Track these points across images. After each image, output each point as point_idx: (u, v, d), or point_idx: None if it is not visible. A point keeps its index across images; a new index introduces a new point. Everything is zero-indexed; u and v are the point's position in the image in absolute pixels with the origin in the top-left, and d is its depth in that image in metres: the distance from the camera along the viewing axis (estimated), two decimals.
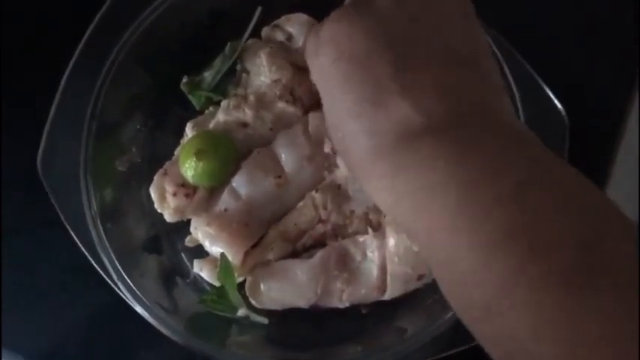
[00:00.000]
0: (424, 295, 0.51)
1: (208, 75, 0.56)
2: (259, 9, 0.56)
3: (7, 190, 0.57)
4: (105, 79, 0.50)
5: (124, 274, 0.47)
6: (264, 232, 0.54)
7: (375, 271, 0.52)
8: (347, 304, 0.52)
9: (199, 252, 0.54)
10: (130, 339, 0.54)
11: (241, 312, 0.51)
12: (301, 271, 0.52)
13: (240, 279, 0.52)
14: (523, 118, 0.47)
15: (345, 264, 0.53)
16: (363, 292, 0.52)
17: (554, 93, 0.48)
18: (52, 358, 0.55)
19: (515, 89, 0.47)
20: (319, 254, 0.53)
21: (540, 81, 0.47)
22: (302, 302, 0.53)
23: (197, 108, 0.56)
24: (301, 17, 0.56)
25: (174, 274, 0.55)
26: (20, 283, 0.56)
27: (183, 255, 0.56)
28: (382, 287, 0.52)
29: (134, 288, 0.47)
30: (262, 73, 0.54)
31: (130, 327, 0.49)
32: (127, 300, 0.46)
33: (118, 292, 0.46)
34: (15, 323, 0.55)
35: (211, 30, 0.56)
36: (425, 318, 0.48)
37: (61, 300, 0.56)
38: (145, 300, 0.47)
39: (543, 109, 0.47)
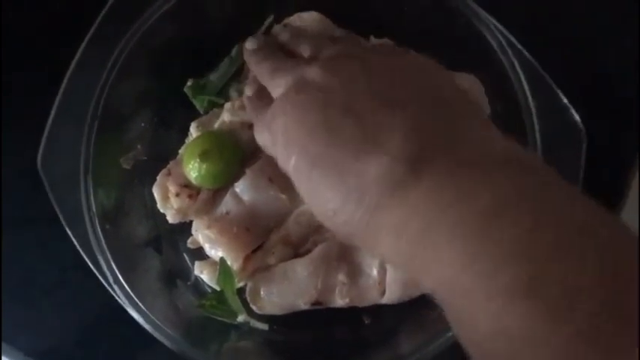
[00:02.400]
0: (426, 313, 0.49)
1: (214, 77, 0.55)
2: (271, 17, 0.55)
3: (8, 186, 0.56)
4: (108, 77, 0.49)
5: (120, 276, 0.46)
6: (266, 237, 0.52)
7: (375, 267, 0.50)
8: (347, 301, 0.51)
9: (202, 253, 0.53)
10: (131, 337, 0.52)
11: (241, 318, 0.50)
12: (301, 267, 0.51)
13: (241, 284, 0.51)
14: (538, 130, 0.45)
15: (346, 256, 0.51)
16: (364, 288, 0.51)
17: (571, 103, 0.46)
18: (52, 355, 0.55)
19: (530, 100, 0.45)
20: (320, 247, 0.51)
21: (559, 92, 0.44)
22: (303, 301, 0.51)
23: (200, 111, 0.55)
24: (313, 15, 0.55)
25: (174, 277, 0.54)
26: (21, 280, 0.55)
27: (185, 256, 0.55)
28: (382, 287, 0.50)
29: (130, 291, 0.46)
30: None
31: (131, 325, 0.48)
32: (122, 304, 0.46)
33: (113, 294, 0.46)
34: (15, 320, 0.55)
35: (218, 31, 0.54)
36: (428, 333, 0.46)
37: (62, 297, 0.56)
38: (140, 304, 0.46)
39: (560, 121, 0.45)
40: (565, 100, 0.45)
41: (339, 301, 0.51)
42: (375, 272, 0.50)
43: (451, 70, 0.51)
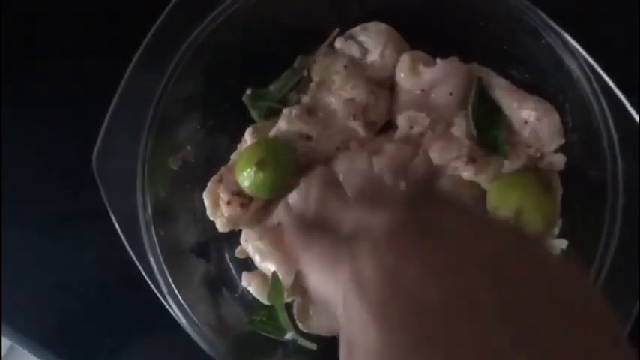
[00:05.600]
0: None
1: (274, 88, 0.53)
2: (337, 30, 0.53)
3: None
4: (168, 81, 0.48)
5: (173, 285, 0.45)
6: None
7: None
8: None
9: (248, 264, 0.52)
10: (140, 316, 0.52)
11: (289, 335, 0.49)
12: None
13: (289, 299, 0.50)
14: (621, 165, 0.42)
15: None
16: None
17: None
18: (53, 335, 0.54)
19: (614, 133, 0.43)
20: None
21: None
22: None
23: (256, 120, 0.53)
24: (379, 26, 0.53)
25: (220, 286, 0.52)
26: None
27: (231, 265, 0.54)
28: None
29: (181, 300, 0.45)
30: (334, 89, 0.51)
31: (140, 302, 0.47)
32: (172, 313, 0.44)
33: (165, 304, 0.44)
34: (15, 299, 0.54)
35: (279, 41, 0.52)
36: None
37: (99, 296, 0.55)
38: (192, 315, 0.45)
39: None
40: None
41: None
42: None
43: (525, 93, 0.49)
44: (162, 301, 0.45)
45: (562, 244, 0.47)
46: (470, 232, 0.28)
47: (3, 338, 0.55)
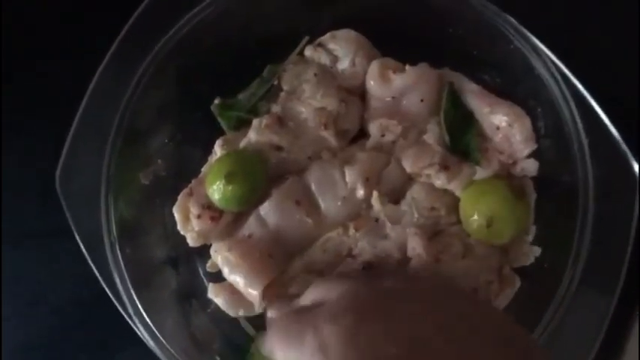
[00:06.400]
0: None
1: (243, 98, 0.52)
2: (306, 38, 0.52)
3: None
4: (134, 91, 0.47)
5: (139, 305, 0.44)
6: (288, 264, 0.50)
7: None
8: None
9: (222, 277, 0.50)
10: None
11: None
12: None
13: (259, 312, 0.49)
14: (591, 170, 0.42)
15: None
16: None
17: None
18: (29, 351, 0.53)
19: (583, 138, 0.42)
20: None
21: (615, 133, 0.41)
22: None
23: (226, 130, 0.52)
24: (349, 34, 0.52)
25: (191, 300, 0.51)
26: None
27: (205, 280, 0.52)
28: None
29: (150, 323, 0.43)
30: (305, 98, 0.50)
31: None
32: (141, 336, 0.43)
33: (134, 327, 0.43)
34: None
35: (248, 51, 0.52)
36: None
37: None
38: (159, 335, 0.44)
39: (614, 164, 0.42)
40: (623, 145, 0.42)
41: None
42: None
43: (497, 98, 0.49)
44: (129, 321, 0.43)
45: (536, 252, 0.46)
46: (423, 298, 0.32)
47: None
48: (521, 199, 0.47)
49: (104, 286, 0.44)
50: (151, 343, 0.43)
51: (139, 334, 0.43)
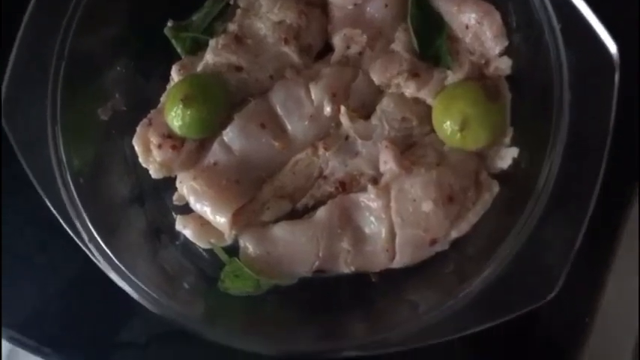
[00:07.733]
0: (438, 266, 0.44)
1: (197, 18, 0.49)
2: None
3: None
4: (72, 17, 0.44)
5: (96, 235, 0.42)
6: (257, 191, 0.48)
7: (383, 232, 0.45)
8: (353, 269, 0.47)
9: (190, 210, 0.48)
10: (114, 304, 0.49)
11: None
12: (301, 231, 0.46)
13: (229, 242, 0.47)
14: (565, 54, 0.39)
15: (350, 221, 0.46)
16: (370, 255, 0.46)
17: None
18: (31, 327, 0.51)
19: (556, 26, 0.39)
20: (320, 211, 0.47)
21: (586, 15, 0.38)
22: (303, 268, 0.47)
23: (181, 54, 0.49)
24: None
25: (160, 235, 0.49)
26: None
27: (173, 214, 0.50)
28: (391, 251, 0.45)
29: (107, 250, 0.41)
30: (262, 13, 0.47)
31: (113, 291, 0.44)
32: (97, 264, 0.41)
33: (89, 254, 0.41)
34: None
35: None
36: (440, 292, 0.42)
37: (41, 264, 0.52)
38: (120, 265, 0.42)
39: (589, 48, 0.38)
40: (594, 26, 0.38)
41: (345, 269, 0.47)
42: (382, 236, 0.45)
43: None
44: (90, 256, 0.41)
45: (513, 152, 0.44)
46: None
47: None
48: (495, 100, 0.44)
49: (60, 219, 0.41)
50: (111, 274, 0.42)
51: (95, 261, 0.41)
